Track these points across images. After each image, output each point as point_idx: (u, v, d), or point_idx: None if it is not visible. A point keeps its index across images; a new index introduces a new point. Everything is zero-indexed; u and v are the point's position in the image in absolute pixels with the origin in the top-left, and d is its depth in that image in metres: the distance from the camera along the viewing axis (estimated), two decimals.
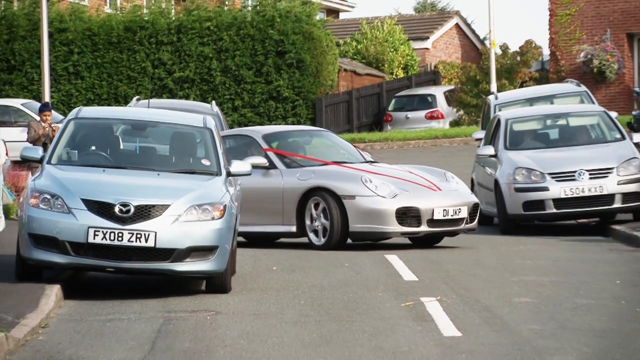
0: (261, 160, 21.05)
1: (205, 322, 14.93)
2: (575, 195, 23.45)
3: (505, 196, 23.81)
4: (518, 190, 23.48)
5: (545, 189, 23.23)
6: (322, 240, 20.95)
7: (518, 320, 14.59)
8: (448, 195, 20.76)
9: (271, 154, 21.42)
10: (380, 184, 20.51)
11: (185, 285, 17.37)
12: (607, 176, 22.93)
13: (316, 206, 20.89)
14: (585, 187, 23.35)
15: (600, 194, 23.42)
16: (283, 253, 21.41)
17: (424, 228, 20.35)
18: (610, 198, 23.44)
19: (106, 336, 14.05)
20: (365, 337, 13.70)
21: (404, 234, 20.63)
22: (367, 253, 20.81)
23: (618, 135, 25.08)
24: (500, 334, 13.76)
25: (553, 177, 23.63)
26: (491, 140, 25.64)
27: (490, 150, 25.14)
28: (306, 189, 20.56)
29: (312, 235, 21.23)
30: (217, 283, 17.14)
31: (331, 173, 21.12)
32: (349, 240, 21.13)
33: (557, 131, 26.31)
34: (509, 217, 23.96)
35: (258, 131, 23.51)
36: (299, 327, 14.42)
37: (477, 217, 21.30)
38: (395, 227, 20.26)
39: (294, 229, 21.18)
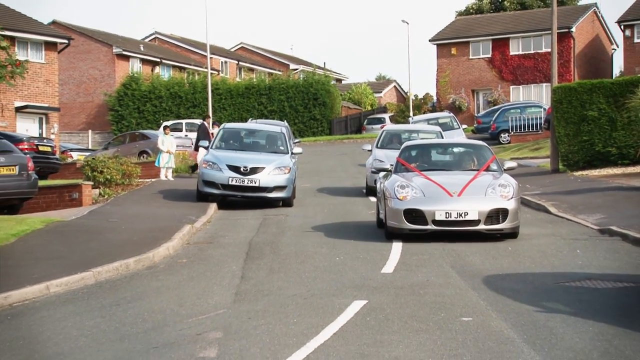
0: (385, 166, 13.92)
1: (282, 220, 14.82)
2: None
3: (367, 173, 19.12)
4: (373, 172, 17.23)
5: (387, 169, 14.05)
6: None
7: None
8: (460, 201, 11.67)
9: (395, 161, 13.33)
10: (410, 189, 11.92)
11: (272, 203, 17.22)
12: None
13: None
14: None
15: None
16: (324, 190, 21.18)
17: (430, 227, 11.58)
18: None
19: (237, 226, 13.95)
20: (353, 226, 13.59)
21: (411, 230, 11.67)
22: (356, 189, 20.62)
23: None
24: None
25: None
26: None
27: (368, 147, 20.52)
28: (381, 189, 13.01)
29: None
30: (287, 202, 17.01)
31: (395, 179, 12.35)
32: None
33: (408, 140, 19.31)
34: (369, 187, 18.57)
35: (406, 144, 14.12)
36: (325, 223, 14.29)
37: (507, 220, 11.64)
38: (405, 224, 11.64)
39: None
